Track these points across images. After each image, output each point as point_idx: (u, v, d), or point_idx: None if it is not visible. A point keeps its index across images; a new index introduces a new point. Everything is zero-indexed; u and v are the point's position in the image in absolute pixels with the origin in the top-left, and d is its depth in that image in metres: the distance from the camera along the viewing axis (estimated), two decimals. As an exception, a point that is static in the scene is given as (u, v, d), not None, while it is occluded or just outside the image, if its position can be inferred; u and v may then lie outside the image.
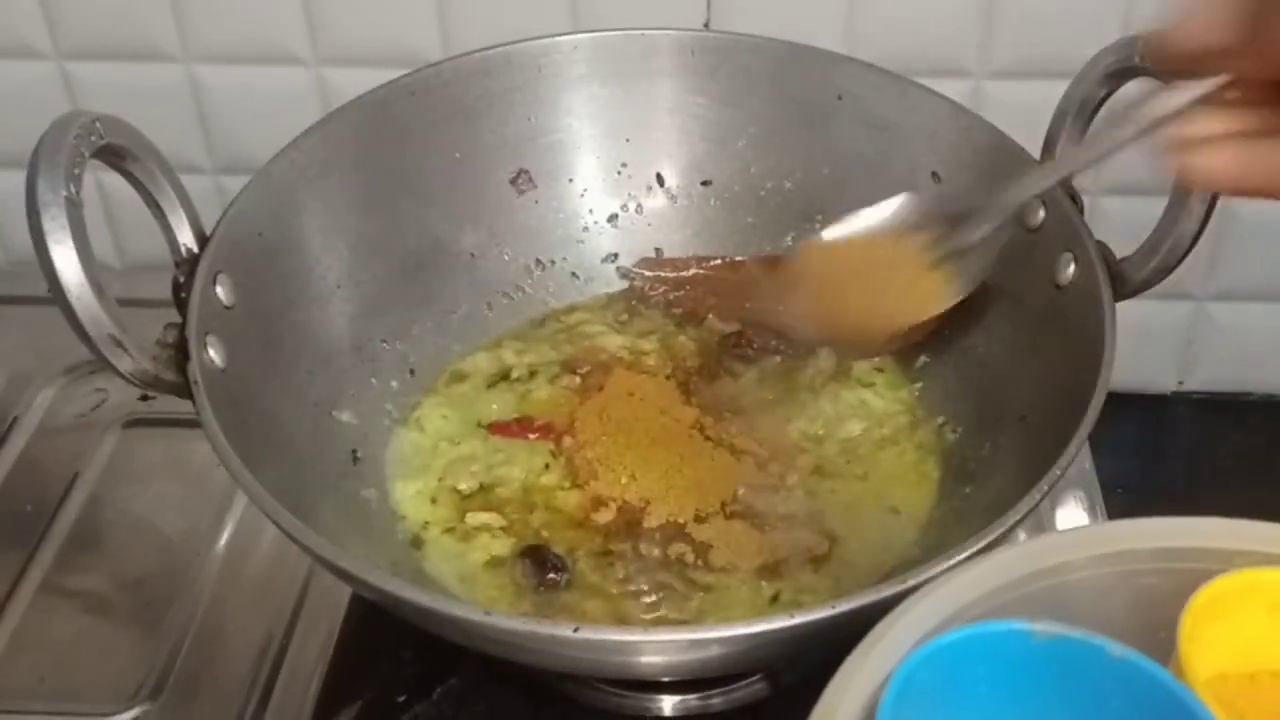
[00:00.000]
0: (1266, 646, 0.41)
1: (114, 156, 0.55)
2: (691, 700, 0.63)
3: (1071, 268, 0.61)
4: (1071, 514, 0.72)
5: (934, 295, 0.64)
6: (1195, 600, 0.39)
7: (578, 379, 0.71)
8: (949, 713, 0.38)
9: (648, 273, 0.76)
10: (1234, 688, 0.40)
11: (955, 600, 0.40)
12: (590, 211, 0.75)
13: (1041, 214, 0.63)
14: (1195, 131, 0.45)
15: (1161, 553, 0.42)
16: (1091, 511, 0.72)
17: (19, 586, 0.69)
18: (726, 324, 0.74)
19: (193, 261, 0.58)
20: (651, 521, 0.63)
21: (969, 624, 0.38)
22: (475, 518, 0.64)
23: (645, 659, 0.51)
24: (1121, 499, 0.74)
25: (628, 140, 0.74)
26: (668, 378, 0.71)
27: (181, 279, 0.58)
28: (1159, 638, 0.37)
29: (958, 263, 0.63)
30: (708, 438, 0.67)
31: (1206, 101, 0.45)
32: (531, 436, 0.68)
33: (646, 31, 0.72)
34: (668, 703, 0.63)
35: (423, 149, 0.70)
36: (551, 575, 0.61)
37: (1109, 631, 0.37)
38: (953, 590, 0.40)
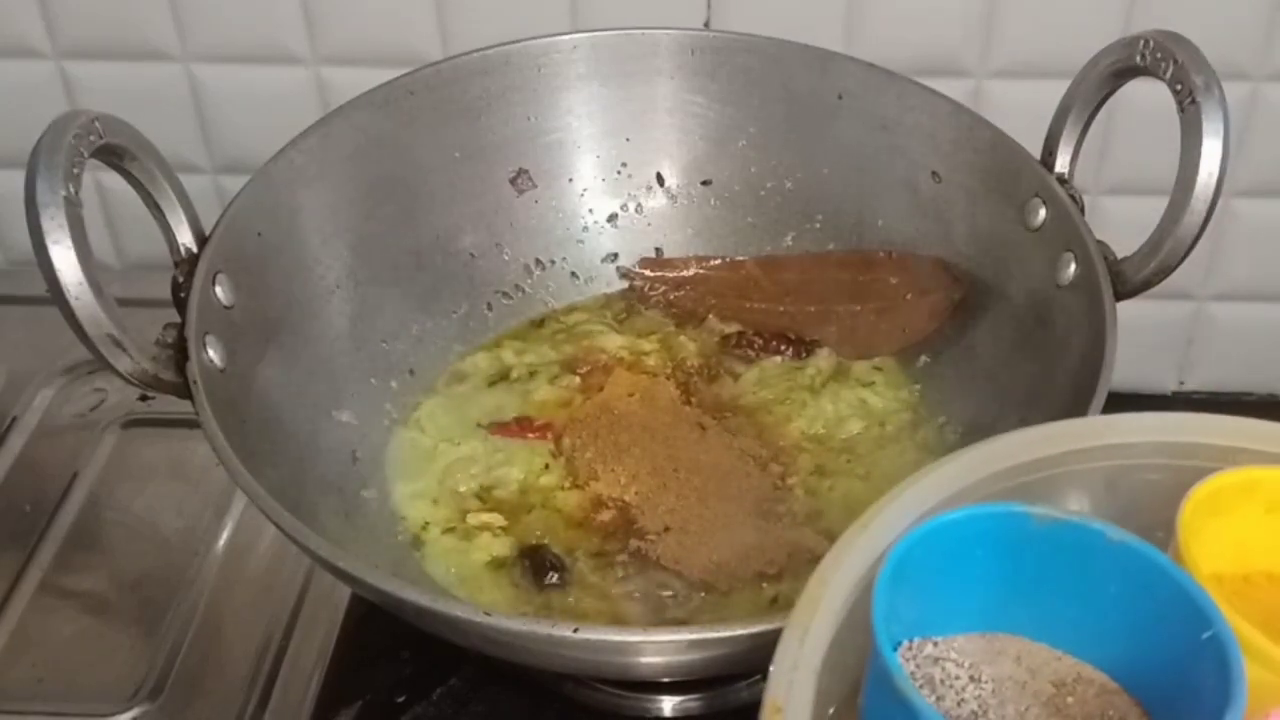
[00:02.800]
0: (1263, 547, 0.40)
1: (113, 156, 0.55)
2: (691, 700, 0.63)
3: (1072, 268, 0.61)
4: (1072, 514, 0.72)
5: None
6: (1195, 493, 0.38)
7: (578, 379, 0.71)
8: (945, 592, 0.37)
9: (648, 273, 0.76)
10: (1229, 588, 0.39)
11: (952, 483, 0.39)
12: (590, 211, 0.75)
13: (1042, 214, 0.63)
14: None
15: (1162, 447, 0.41)
16: (1092, 511, 0.72)
17: (18, 586, 0.69)
18: (726, 324, 0.74)
19: (192, 261, 0.58)
20: (651, 522, 0.63)
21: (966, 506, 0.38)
22: (475, 518, 0.64)
23: (645, 659, 0.51)
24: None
25: (628, 140, 0.74)
26: (668, 378, 0.71)
27: (180, 279, 0.58)
28: (1155, 538, 0.37)
29: None
30: (708, 438, 0.67)
31: None
32: (531, 436, 0.68)
33: (646, 31, 0.72)
34: (668, 703, 0.63)
35: (423, 149, 0.70)
36: (551, 575, 0.61)
37: (1107, 525, 0.37)
38: (950, 473, 0.39)
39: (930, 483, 0.39)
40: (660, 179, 0.75)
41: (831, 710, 0.37)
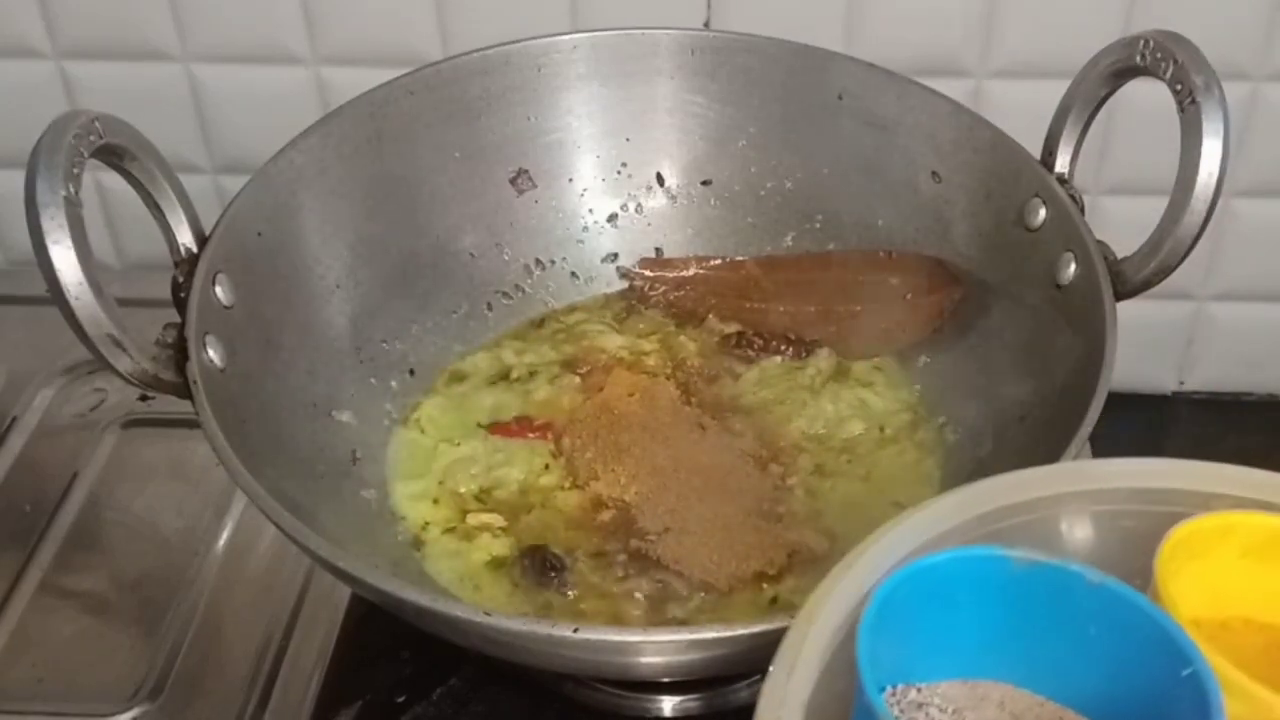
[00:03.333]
0: (1240, 592, 0.40)
1: (113, 156, 0.55)
2: (691, 700, 0.63)
3: (1072, 268, 0.61)
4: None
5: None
6: (1171, 536, 0.38)
7: (578, 379, 0.71)
8: (927, 636, 0.37)
9: (648, 273, 0.76)
10: (1207, 634, 0.39)
11: (932, 527, 0.39)
12: (590, 211, 0.75)
13: (1042, 214, 0.63)
14: None
15: (1138, 494, 0.41)
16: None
17: (18, 586, 0.69)
18: (726, 324, 0.74)
19: (192, 261, 0.58)
20: (651, 522, 0.63)
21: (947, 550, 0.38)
22: (475, 518, 0.64)
23: (645, 659, 0.51)
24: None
25: (628, 140, 0.74)
26: (668, 378, 0.71)
27: (180, 279, 0.58)
28: (1134, 583, 0.37)
29: None
30: (708, 438, 0.67)
31: None
32: (531, 436, 0.68)
33: (646, 31, 0.72)
34: (668, 703, 0.63)
35: (423, 149, 0.70)
36: (551, 575, 0.61)
37: (1085, 570, 0.37)
38: (929, 517, 0.40)
39: (913, 525, 0.39)
40: (660, 179, 0.75)
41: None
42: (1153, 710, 0.36)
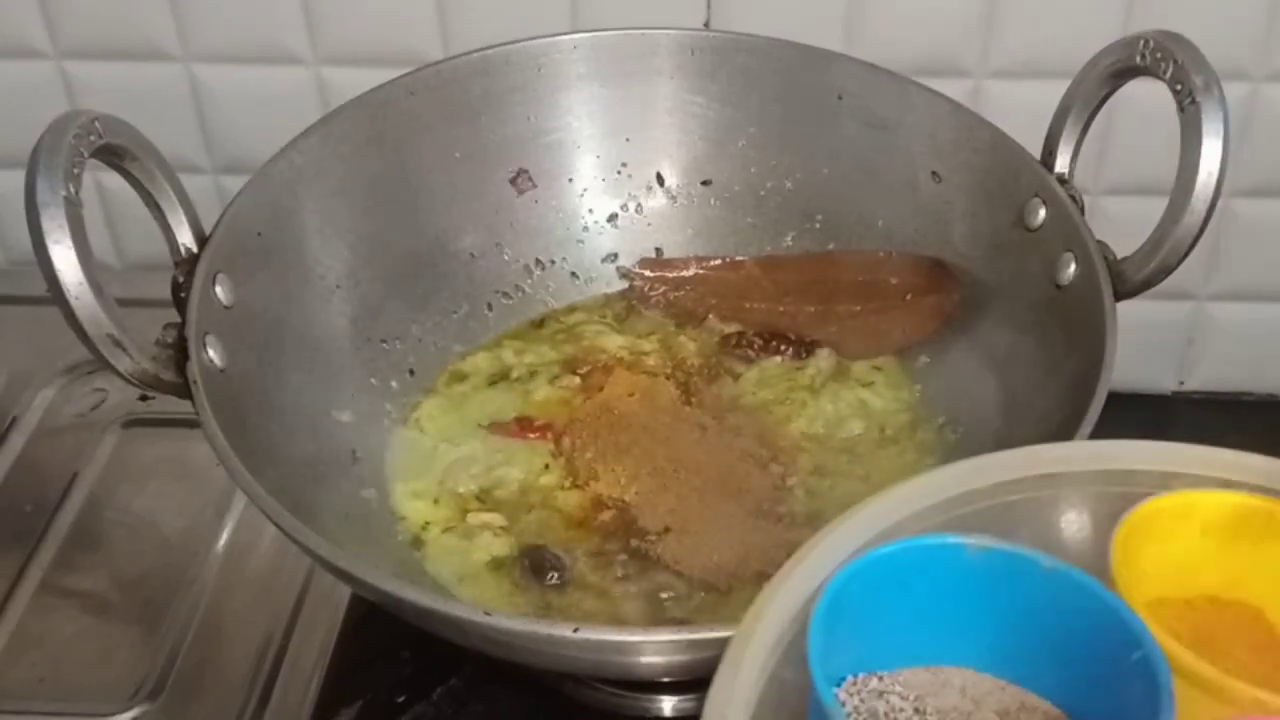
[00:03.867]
0: (1202, 571, 0.40)
1: (113, 156, 0.55)
2: (691, 701, 0.63)
3: (1072, 268, 0.61)
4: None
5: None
6: (1127, 519, 0.38)
7: (578, 379, 0.71)
8: (882, 626, 0.38)
9: (648, 273, 0.76)
10: (1171, 613, 0.39)
11: (888, 516, 0.39)
12: (590, 211, 0.75)
13: (1042, 214, 0.63)
14: None
15: (1098, 475, 0.41)
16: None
17: (19, 586, 0.69)
18: (726, 324, 0.74)
19: (192, 261, 0.58)
20: (651, 522, 0.63)
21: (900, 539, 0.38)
22: (475, 518, 0.64)
23: (645, 659, 0.51)
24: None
25: (628, 140, 0.74)
26: (668, 378, 0.71)
27: (181, 279, 0.58)
28: (1097, 565, 0.37)
29: None
30: (708, 438, 0.67)
31: None
32: (531, 436, 0.68)
33: (646, 31, 0.72)
34: (668, 703, 0.63)
35: (423, 149, 0.70)
36: (551, 575, 0.61)
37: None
38: (885, 506, 0.40)
39: (866, 517, 0.39)
40: (660, 179, 0.75)
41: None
42: (1108, 694, 0.36)
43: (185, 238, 0.59)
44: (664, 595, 0.61)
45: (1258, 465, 0.41)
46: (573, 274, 0.75)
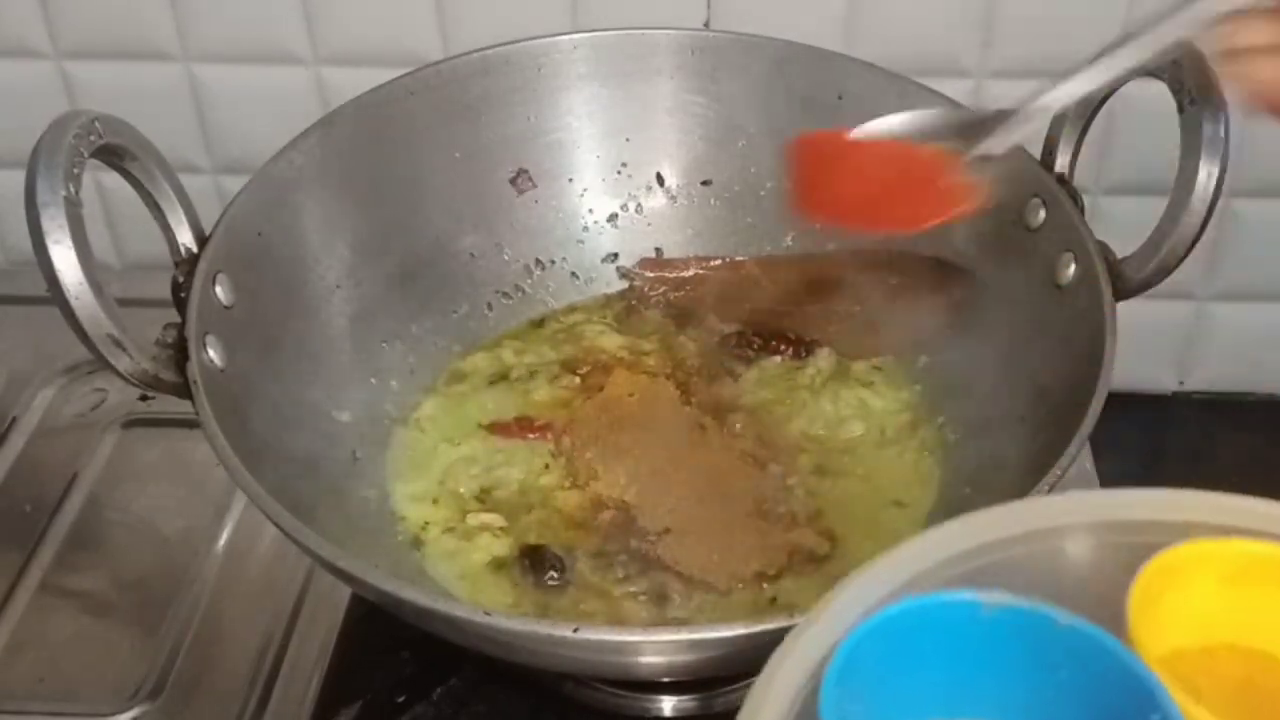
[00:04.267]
0: (1221, 619, 0.40)
1: (113, 156, 0.55)
2: (691, 701, 0.63)
3: (1072, 268, 0.61)
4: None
5: (955, 199, 0.61)
6: (1144, 572, 0.38)
7: (578, 379, 0.71)
8: (897, 685, 0.37)
9: (648, 273, 0.76)
10: (1190, 663, 0.39)
11: (900, 573, 0.39)
12: (590, 211, 0.75)
13: (1042, 214, 0.63)
14: (1245, 40, 0.44)
15: (1112, 526, 0.41)
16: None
17: (18, 586, 0.69)
18: (726, 324, 0.74)
19: (192, 261, 0.58)
20: (651, 522, 0.63)
21: (915, 596, 0.38)
22: (475, 518, 0.64)
23: (645, 659, 0.51)
24: (1122, 499, 0.74)
25: (628, 140, 0.74)
26: (668, 378, 0.71)
27: (181, 279, 0.58)
28: (1111, 615, 0.37)
29: (983, 169, 0.60)
30: (708, 438, 0.67)
31: (1259, 9, 0.44)
32: (531, 436, 0.68)
33: (646, 31, 0.72)
34: (668, 703, 0.63)
35: (423, 149, 0.70)
36: (551, 575, 0.61)
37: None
38: (896, 563, 0.39)
39: (879, 573, 0.39)
40: (660, 179, 0.75)
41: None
42: None
43: (185, 238, 0.59)
44: (664, 595, 0.61)
45: (1274, 513, 0.41)
46: (573, 274, 0.75)
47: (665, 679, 0.62)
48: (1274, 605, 0.40)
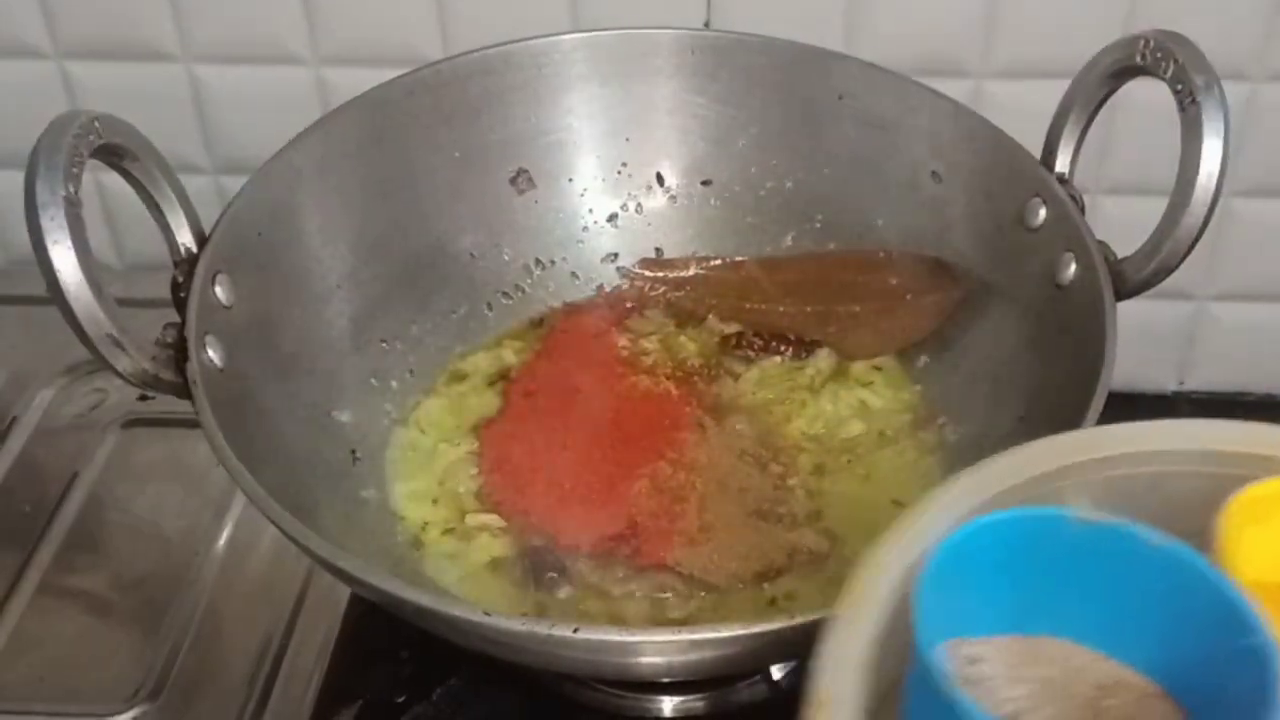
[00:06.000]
0: None
1: (113, 156, 0.55)
2: (691, 701, 0.63)
3: (1072, 268, 0.61)
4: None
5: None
6: (1235, 500, 0.38)
7: (577, 379, 0.71)
8: (984, 593, 0.37)
9: (648, 273, 0.76)
10: (1267, 596, 0.39)
11: (991, 486, 0.39)
12: (590, 211, 0.75)
13: (1042, 214, 0.63)
14: None
15: (1202, 455, 0.41)
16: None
17: (18, 587, 0.69)
18: (726, 324, 0.74)
19: (192, 261, 0.58)
20: (651, 522, 0.63)
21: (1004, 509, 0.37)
22: (475, 518, 0.64)
23: (645, 659, 0.51)
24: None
25: (628, 140, 0.74)
26: (668, 378, 0.71)
27: (180, 279, 0.58)
28: (1192, 544, 0.37)
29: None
30: (708, 438, 0.67)
31: None
32: (531, 436, 0.68)
33: (646, 31, 0.72)
34: (668, 703, 0.63)
35: (423, 149, 0.70)
36: (551, 575, 0.61)
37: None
38: (986, 477, 0.39)
39: (968, 484, 0.39)
40: (660, 179, 0.75)
41: (871, 707, 0.37)
42: (1213, 677, 0.35)
43: (185, 238, 0.59)
44: (664, 595, 0.61)
45: None
46: (573, 274, 0.75)
47: (665, 679, 0.62)
48: None
